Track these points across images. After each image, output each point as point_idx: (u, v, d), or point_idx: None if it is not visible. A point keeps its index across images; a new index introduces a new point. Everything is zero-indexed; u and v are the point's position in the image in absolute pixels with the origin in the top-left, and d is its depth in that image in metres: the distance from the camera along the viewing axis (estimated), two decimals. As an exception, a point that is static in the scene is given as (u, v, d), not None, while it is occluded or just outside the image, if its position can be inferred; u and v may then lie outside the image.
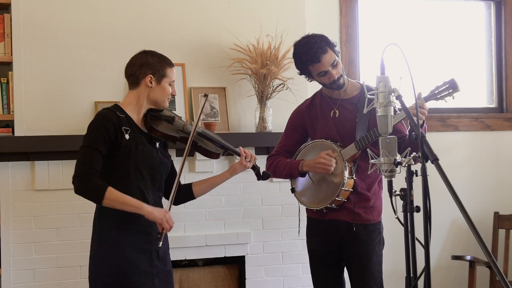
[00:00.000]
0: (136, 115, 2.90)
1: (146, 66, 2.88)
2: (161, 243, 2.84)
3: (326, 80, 3.24)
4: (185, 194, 3.08)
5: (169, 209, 2.84)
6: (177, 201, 3.09)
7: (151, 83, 2.88)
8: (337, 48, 3.27)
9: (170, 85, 2.94)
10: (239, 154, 3.09)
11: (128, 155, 2.79)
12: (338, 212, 3.22)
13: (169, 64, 2.94)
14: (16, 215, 3.90)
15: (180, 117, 3.08)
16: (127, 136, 2.80)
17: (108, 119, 2.79)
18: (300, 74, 3.33)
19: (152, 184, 2.87)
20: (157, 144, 2.93)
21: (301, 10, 4.50)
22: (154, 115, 2.94)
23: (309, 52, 3.16)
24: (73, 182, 2.74)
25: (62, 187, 3.96)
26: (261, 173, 3.13)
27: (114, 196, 2.72)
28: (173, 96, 2.98)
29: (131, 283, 2.78)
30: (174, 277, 4.20)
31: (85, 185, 2.71)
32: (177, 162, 3.23)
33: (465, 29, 5.21)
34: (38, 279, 3.92)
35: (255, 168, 3.12)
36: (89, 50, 4.09)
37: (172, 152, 3.79)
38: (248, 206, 4.32)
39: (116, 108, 2.87)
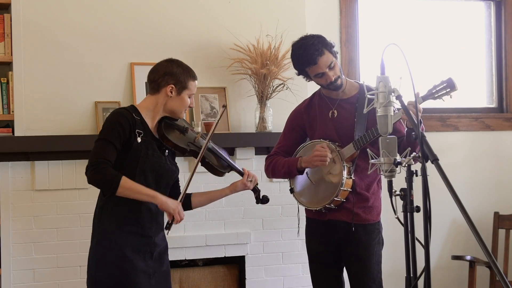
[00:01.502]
0: (150, 120, 2.89)
1: (169, 76, 2.88)
2: (169, 232, 2.87)
3: (323, 82, 3.24)
4: (184, 203, 3.07)
5: (180, 201, 2.87)
6: None
7: (171, 92, 2.87)
8: (336, 48, 3.26)
9: (189, 97, 2.93)
10: (242, 174, 3.11)
11: (136, 158, 2.79)
12: (337, 212, 3.22)
13: (193, 76, 2.94)
14: (16, 215, 3.90)
15: (193, 127, 3.08)
16: (139, 139, 2.79)
17: (125, 118, 2.79)
18: (298, 74, 3.34)
19: (155, 189, 2.86)
20: (166, 152, 2.93)
21: (301, 10, 4.51)
22: (168, 123, 2.93)
23: (306, 54, 3.16)
24: (86, 173, 2.72)
25: (62, 187, 3.97)
26: (261, 197, 3.15)
27: (129, 185, 2.72)
28: (190, 108, 2.99)
29: (131, 283, 2.78)
30: (174, 277, 4.20)
31: (99, 174, 2.69)
32: (180, 162, 3.22)
33: (465, 29, 5.21)
34: (38, 279, 3.92)
35: (255, 191, 3.15)
36: (89, 50, 4.09)
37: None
38: (248, 206, 4.32)
39: (132, 109, 2.86)
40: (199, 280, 4.30)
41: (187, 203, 3.08)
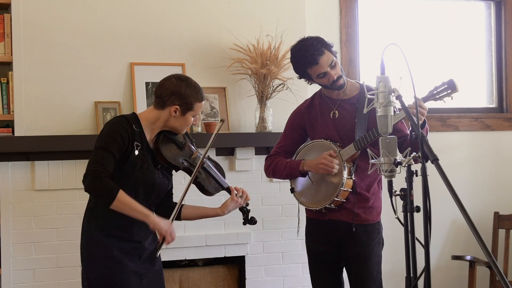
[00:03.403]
0: (149, 132, 2.88)
1: (176, 96, 2.83)
2: (159, 252, 2.86)
3: (325, 82, 3.23)
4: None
5: (172, 222, 2.84)
6: (163, 215, 3.08)
7: (175, 112, 2.84)
8: (335, 48, 3.26)
9: (193, 116, 2.91)
10: (230, 192, 3.06)
11: (131, 170, 2.78)
12: (337, 212, 3.22)
13: (200, 98, 2.89)
14: (16, 215, 3.90)
15: (193, 142, 3.05)
16: (136, 152, 2.78)
17: (125, 129, 2.77)
18: (300, 77, 3.32)
19: (145, 200, 2.85)
20: (159, 166, 2.91)
21: (301, 10, 4.50)
22: (166, 137, 2.91)
23: (306, 55, 3.16)
24: (83, 180, 2.70)
25: (62, 187, 3.97)
26: (249, 218, 3.11)
27: (125, 200, 2.70)
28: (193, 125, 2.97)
29: (120, 283, 2.78)
30: (174, 277, 4.21)
31: (97, 184, 2.67)
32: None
33: (465, 29, 5.21)
34: (38, 279, 3.92)
35: (244, 212, 3.11)
36: (89, 50, 4.09)
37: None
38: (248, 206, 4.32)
39: (133, 120, 2.84)
40: (199, 280, 4.30)
41: (177, 214, 3.05)
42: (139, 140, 2.81)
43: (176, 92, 2.84)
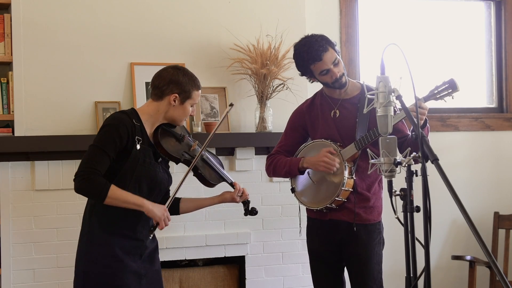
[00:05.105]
0: (150, 126, 2.88)
1: (174, 84, 2.84)
2: (151, 236, 2.87)
3: (328, 79, 3.23)
4: (172, 207, 3.02)
5: (167, 207, 2.85)
6: None
7: (174, 101, 2.85)
8: (337, 48, 3.27)
9: (191, 106, 2.91)
10: (233, 187, 3.08)
11: (134, 165, 2.77)
12: (338, 212, 3.22)
13: (197, 86, 2.91)
14: (16, 215, 3.90)
15: (190, 135, 3.06)
16: (138, 146, 2.78)
17: (124, 125, 2.76)
18: (302, 75, 3.32)
19: (148, 196, 2.85)
20: (159, 159, 2.92)
21: (301, 10, 4.51)
22: (165, 130, 2.92)
23: (310, 51, 3.17)
24: (74, 180, 2.71)
25: (62, 187, 3.97)
26: (250, 209, 3.13)
27: (117, 195, 2.70)
28: (191, 116, 2.98)
29: (120, 282, 2.78)
30: (174, 277, 4.21)
31: (87, 184, 2.68)
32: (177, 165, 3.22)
33: (465, 29, 5.21)
34: (38, 279, 3.92)
35: (245, 204, 3.13)
36: (89, 50, 4.09)
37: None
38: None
39: (133, 114, 2.84)
40: (199, 280, 4.30)
41: (175, 208, 3.05)
42: (140, 135, 2.81)
43: (174, 80, 2.85)
